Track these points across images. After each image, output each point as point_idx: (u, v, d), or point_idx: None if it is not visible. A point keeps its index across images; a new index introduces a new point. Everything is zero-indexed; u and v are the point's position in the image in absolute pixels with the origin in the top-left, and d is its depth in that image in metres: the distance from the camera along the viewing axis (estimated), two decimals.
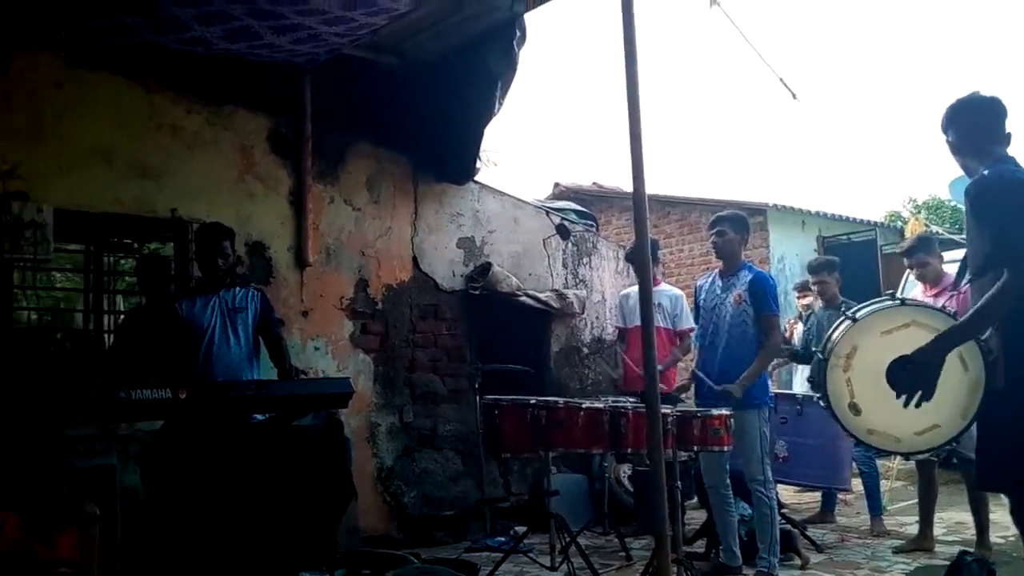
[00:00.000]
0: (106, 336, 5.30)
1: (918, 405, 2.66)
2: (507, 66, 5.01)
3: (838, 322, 3.18)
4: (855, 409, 3.01)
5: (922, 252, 4.79)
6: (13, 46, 4.38)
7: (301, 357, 5.04)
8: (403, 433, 5.53)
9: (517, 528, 5.30)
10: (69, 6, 4.03)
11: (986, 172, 2.78)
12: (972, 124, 2.89)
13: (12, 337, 4.67)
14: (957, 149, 2.94)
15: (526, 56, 5.05)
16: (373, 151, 5.59)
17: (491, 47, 4.93)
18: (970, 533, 4.91)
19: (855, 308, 3.16)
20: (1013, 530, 3.00)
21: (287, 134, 5.19)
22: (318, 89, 5.18)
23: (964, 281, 3.03)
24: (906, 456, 3.25)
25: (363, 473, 5.21)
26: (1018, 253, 2.57)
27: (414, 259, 5.75)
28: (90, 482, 3.51)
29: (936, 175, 32.81)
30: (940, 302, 4.08)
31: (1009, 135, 2.87)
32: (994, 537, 4.75)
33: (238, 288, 4.13)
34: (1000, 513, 4.42)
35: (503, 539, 5.16)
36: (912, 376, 2.66)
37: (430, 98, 5.22)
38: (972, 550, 4.24)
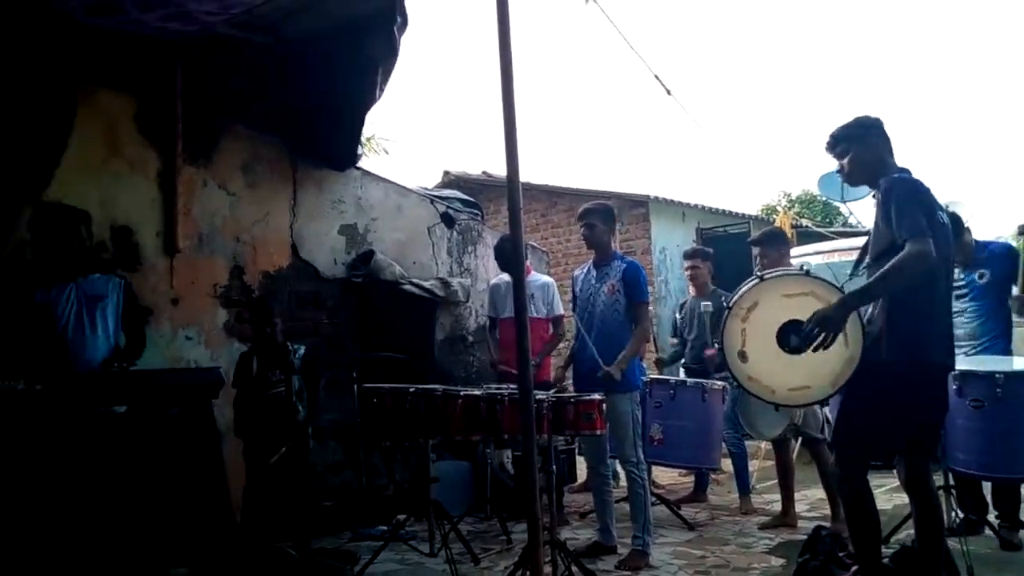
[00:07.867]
0: None
1: (816, 350, 2.99)
2: (388, 51, 4.94)
3: (748, 280, 3.48)
4: (743, 356, 3.33)
5: (767, 245, 5.06)
6: None
7: (171, 347, 4.84)
8: None
9: (400, 516, 5.29)
10: None
11: (895, 175, 3.17)
12: (879, 139, 3.29)
13: None
14: (861, 162, 3.30)
15: (415, 43, 5.00)
16: (249, 134, 5.42)
17: (372, 31, 4.83)
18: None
19: (766, 272, 3.49)
20: None
21: (155, 115, 4.95)
22: (191, 69, 4.96)
23: (861, 267, 3.34)
24: (776, 407, 3.56)
25: (240, 466, 5.07)
26: (916, 230, 2.92)
27: (293, 246, 5.61)
28: None
29: (808, 171, 34.86)
30: None
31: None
32: None
33: (98, 276, 3.93)
34: None
35: (385, 528, 5.13)
36: (818, 326, 2.96)
37: (309, 81, 5.08)
38: (828, 525, 4.50)
